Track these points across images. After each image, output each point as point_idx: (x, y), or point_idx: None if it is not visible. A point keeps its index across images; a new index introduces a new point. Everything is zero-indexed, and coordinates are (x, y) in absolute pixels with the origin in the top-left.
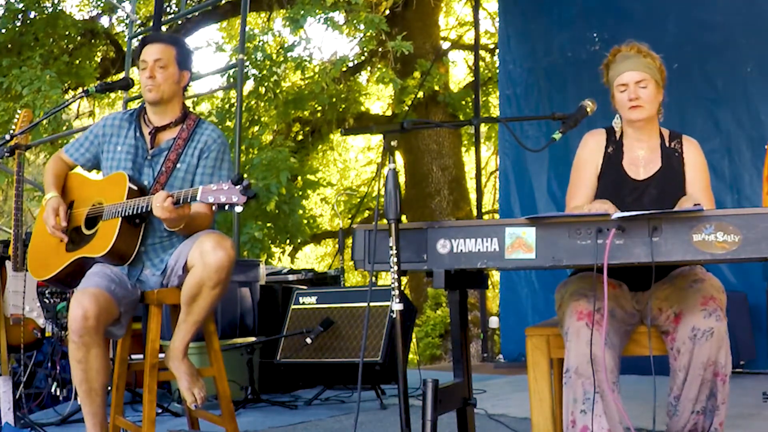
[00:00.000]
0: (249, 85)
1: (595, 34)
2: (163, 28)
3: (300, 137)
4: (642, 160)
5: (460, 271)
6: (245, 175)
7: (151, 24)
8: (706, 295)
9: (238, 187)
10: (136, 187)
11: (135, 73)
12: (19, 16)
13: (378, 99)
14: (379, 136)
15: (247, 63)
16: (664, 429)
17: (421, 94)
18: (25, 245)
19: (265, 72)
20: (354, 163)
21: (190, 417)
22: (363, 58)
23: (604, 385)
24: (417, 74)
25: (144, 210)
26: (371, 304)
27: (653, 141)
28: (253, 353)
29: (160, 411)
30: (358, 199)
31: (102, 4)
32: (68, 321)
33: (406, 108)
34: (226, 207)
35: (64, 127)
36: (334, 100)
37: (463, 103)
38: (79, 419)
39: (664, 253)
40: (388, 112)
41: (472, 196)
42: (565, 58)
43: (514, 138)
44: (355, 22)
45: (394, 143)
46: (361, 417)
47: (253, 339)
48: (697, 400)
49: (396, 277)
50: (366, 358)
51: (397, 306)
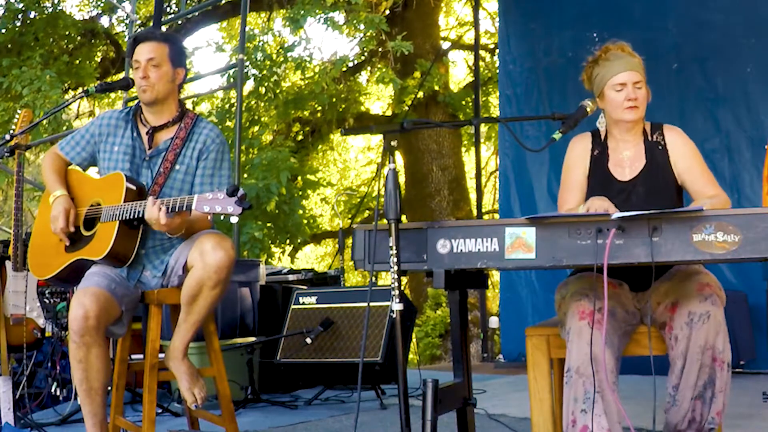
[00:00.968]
0: (249, 85)
1: (595, 34)
2: (163, 28)
3: (300, 137)
4: (627, 161)
5: (460, 271)
6: (244, 177)
7: (151, 24)
8: (702, 283)
9: (234, 198)
10: (134, 188)
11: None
12: (19, 16)
13: (378, 99)
14: (379, 136)
15: (247, 63)
16: (663, 429)
17: (421, 94)
18: (26, 245)
19: (265, 72)
20: (354, 163)
21: (190, 417)
22: (363, 58)
23: (604, 385)
24: (417, 74)
25: (141, 214)
26: (371, 304)
27: (637, 139)
28: (253, 353)
29: (160, 411)
30: (358, 199)
31: (102, 4)
32: (69, 321)
33: (406, 108)
34: (221, 217)
35: (64, 127)
36: (334, 100)
37: (463, 103)
38: (79, 419)
39: (664, 253)
40: (388, 112)
41: (472, 196)
42: (565, 58)
43: (514, 138)
44: (355, 22)
45: (394, 143)
46: (361, 417)
47: (253, 339)
48: (696, 386)
49: (396, 277)
50: (366, 358)
51: (397, 306)
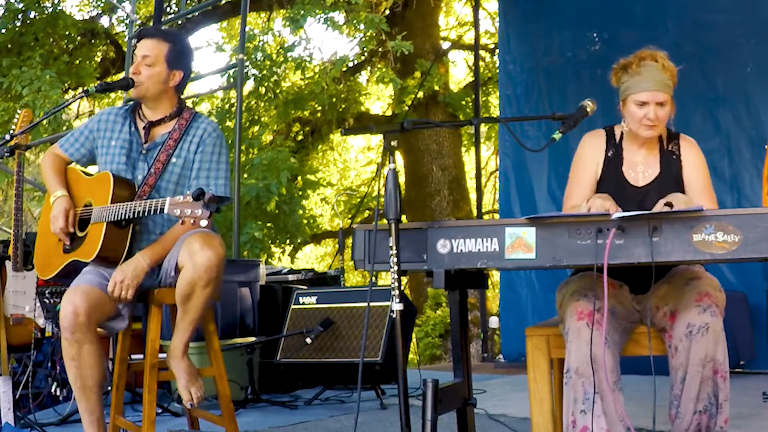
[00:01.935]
0: (249, 85)
1: (595, 34)
2: (167, 30)
3: (300, 137)
4: (641, 166)
5: (460, 271)
6: (244, 177)
7: (151, 24)
8: (701, 292)
9: (200, 202)
10: (123, 187)
11: None
12: (19, 16)
13: (378, 99)
14: (379, 136)
15: (247, 63)
16: (663, 429)
17: (421, 94)
18: (26, 245)
19: (265, 72)
20: (354, 163)
21: (190, 417)
22: (363, 58)
23: (604, 386)
24: (417, 74)
25: (126, 216)
26: (371, 304)
27: (652, 144)
28: (253, 353)
29: (160, 411)
30: (358, 199)
31: (102, 4)
32: (60, 318)
33: (406, 108)
34: (192, 221)
35: (64, 127)
36: (334, 100)
37: (463, 103)
38: (79, 419)
39: (664, 253)
40: (388, 112)
41: (472, 196)
42: (565, 58)
43: (514, 138)
44: (355, 22)
45: (394, 143)
46: (361, 417)
47: (253, 339)
48: (699, 399)
49: (396, 277)
50: (366, 358)
51: (397, 306)
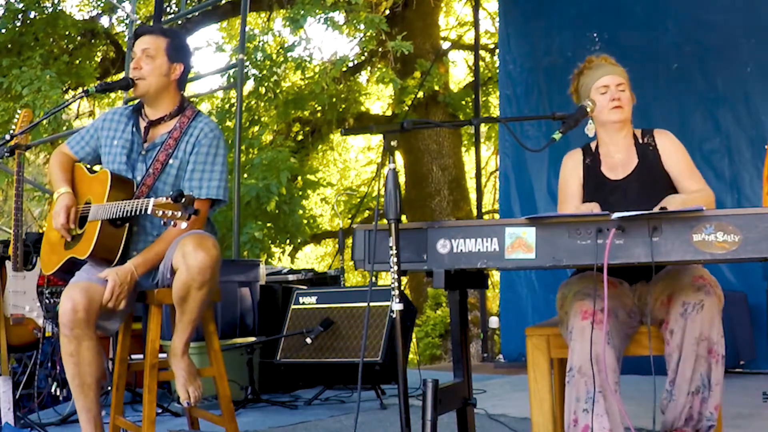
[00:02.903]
0: (249, 85)
1: (595, 34)
2: (164, 27)
3: (300, 137)
4: (619, 163)
5: (460, 271)
6: (244, 177)
7: (151, 24)
8: (695, 275)
9: (178, 203)
10: (120, 186)
11: None
12: (19, 16)
13: (378, 99)
14: (379, 136)
15: (247, 63)
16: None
17: (421, 94)
18: (26, 245)
19: (265, 72)
20: (354, 163)
21: (190, 417)
22: (363, 58)
23: (606, 385)
24: (417, 74)
25: (116, 216)
26: (371, 304)
27: (628, 142)
28: (253, 353)
29: (160, 411)
30: (358, 199)
31: (102, 4)
32: (59, 314)
33: (406, 108)
34: (173, 224)
35: (64, 127)
36: (334, 100)
37: (463, 103)
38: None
39: (664, 253)
40: (388, 112)
41: (472, 196)
42: (565, 58)
43: (514, 138)
44: (355, 22)
45: (394, 143)
46: (361, 417)
47: (253, 339)
48: (692, 380)
49: (396, 277)
50: (366, 358)
51: (397, 306)
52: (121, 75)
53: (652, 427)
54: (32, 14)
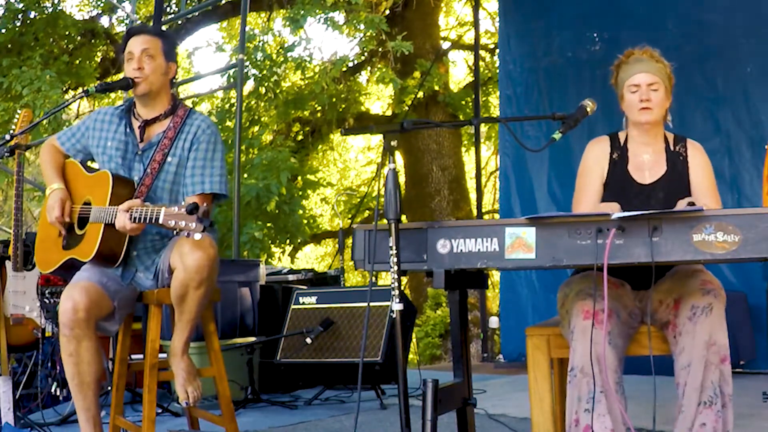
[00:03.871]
0: (249, 85)
1: (595, 34)
2: (163, 28)
3: (300, 137)
4: (647, 164)
5: (460, 271)
6: (244, 177)
7: (151, 24)
8: (704, 279)
9: (194, 215)
10: (122, 186)
11: None
12: (19, 16)
13: (378, 99)
14: (379, 136)
15: (247, 63)
16: (664, 429)
17: (421, 94)
18: (26, 245)
19: (265, 72)
20: (354, 163)
21: (190, 417)
22: (363, 58)
23: (607, 385)
24: (417, 74)
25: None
26: (371, 304)
27: (658, 145)
28: (253, 353)
29: (160, 411)
30: (358, 199)
31: (102, 4)
32: (59, 314)
33: (406, 108)
34: (186, 234)
35: (64, 127)
36: (334, 100)
37: (463, 103)
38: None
39: (664, 253)
40: (388, 112)
41: (472, 196)
42: (565, 58)
43: (514, 138)
44: (355, 22)
45: (394, 143)
46: (361, 417)
47: (253, 339)
48: (703, 389)
49: (396, 277)
50: (366, 358)
51: (397, 306)
52: (121, 75)
53: (652, 427)
54: (32, 14)
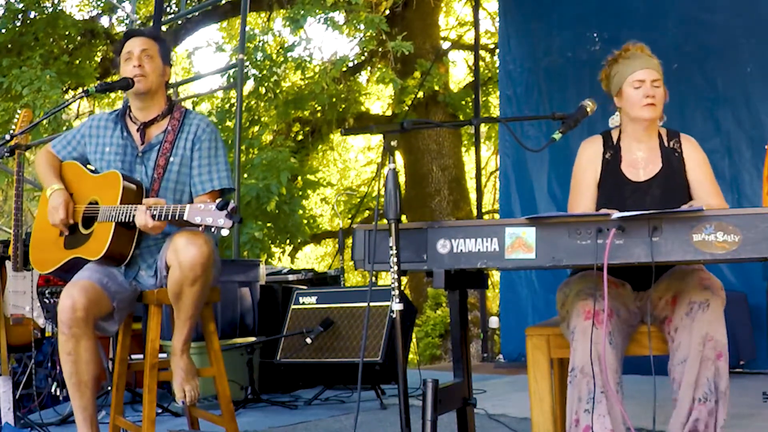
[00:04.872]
0: (249, 85)
1: (595, 34)
2: (163, 28)
3: (300, 137)
4: (641, 162)
5: (460, 271)
6: (244, 177)
7: (151, 24)
8: (703, 276)
9: (224, 211)
10: (132, 186)
11: None
12: (19, 16)
13: (378, 99)
14: (379, 136)
15: (247, 63)
16: (664, 429)
17: (421, 94)
18: (26, 245)
19: (265, 72)
20: (354, 163)
21: (190, 417)
22: (363, 58)
23: (608, 385)
24: (417, 74)
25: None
26: (371, 304)
27: (652, 141)
28: (253, 353)
29: (160, 411)
30: (358, 199)
31: (102, 4)
32: (57, 312)
33: (406, 108)
34: (213, 230)
35: (64, 127)
36: (334, 100)
37: (463, 103)
38: None
39: (664, 253)
40: (388, 112)
41: (472, 196)
42: (565, 58)
43: (514, 138)
44: (355, 22)
45: (394, 143)
46: (361, 417)
47: (253, 339)
48: (698, 385)
49: (396, 277)
50: (366, 358)
51: (397, 306)
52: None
53: (652, 427)
54: (32, 14)
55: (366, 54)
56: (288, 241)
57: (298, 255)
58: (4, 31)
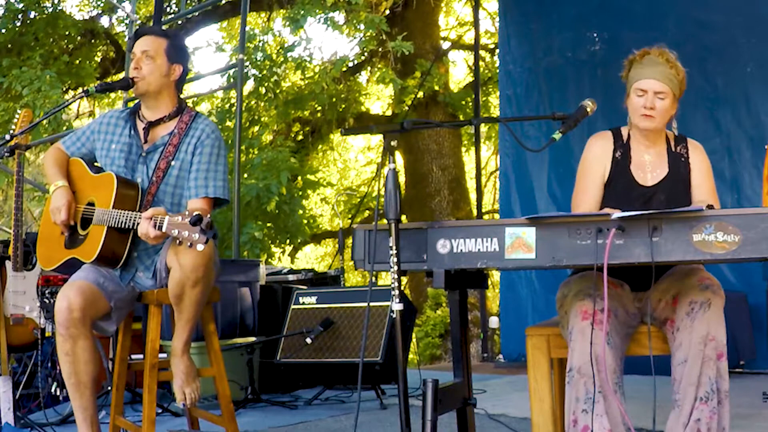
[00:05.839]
0: (249, 85)
1: (595, 34)
2: (163, 28)
3: (300, 137)
4: (649, 165)
5: (460, 271)
6: (244, 177)
7: (151, 24)
8: (703, 276)
9: (197, 227)
10: (126, 191)
11: None
12: (19, 16)
13: (378, 99)
14: (379, 136)
15: (247, 63)
16: (663, 429)
17: (421, 94)
18: (26, 245)
19: (265, 72)
20: (354, 163)
21: (190, 417)
22: (363, 58)
23: (606, 385)
24: (417, 74)
25: (127, 225)
26: (371, 304)
27: (659, 146)
28: (253, 353)
29: (160, 411)
30: (358, 199)
31: (102, 4)
32: (54, 313)
33: (406, 108)
34: (189, 244)
35: (64, 127)
36: (334, 100)
37: (463, 103)
38: None
39: (664, 253)
40: (388, 112)
41: (472, 196)
42: (565, 58)
43: (514, 138)
44: (355, 22)
45: (394, 143)
46: (361, 417)
47: (253, 339)
48: (699, 384)
49: (396, 277)
50: (366, 358)
51: (397, 306)
52: (122, 75)
53: (652, 427)
54: (32, 14)
55: (366, 54)
56: (288, 241)
57: (298, 255)
58: (4, 31)
